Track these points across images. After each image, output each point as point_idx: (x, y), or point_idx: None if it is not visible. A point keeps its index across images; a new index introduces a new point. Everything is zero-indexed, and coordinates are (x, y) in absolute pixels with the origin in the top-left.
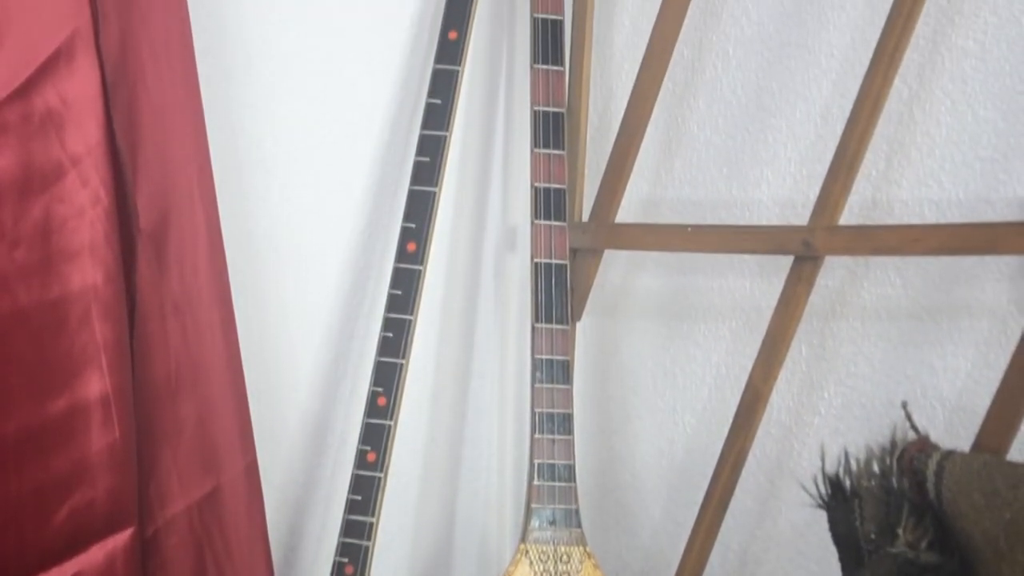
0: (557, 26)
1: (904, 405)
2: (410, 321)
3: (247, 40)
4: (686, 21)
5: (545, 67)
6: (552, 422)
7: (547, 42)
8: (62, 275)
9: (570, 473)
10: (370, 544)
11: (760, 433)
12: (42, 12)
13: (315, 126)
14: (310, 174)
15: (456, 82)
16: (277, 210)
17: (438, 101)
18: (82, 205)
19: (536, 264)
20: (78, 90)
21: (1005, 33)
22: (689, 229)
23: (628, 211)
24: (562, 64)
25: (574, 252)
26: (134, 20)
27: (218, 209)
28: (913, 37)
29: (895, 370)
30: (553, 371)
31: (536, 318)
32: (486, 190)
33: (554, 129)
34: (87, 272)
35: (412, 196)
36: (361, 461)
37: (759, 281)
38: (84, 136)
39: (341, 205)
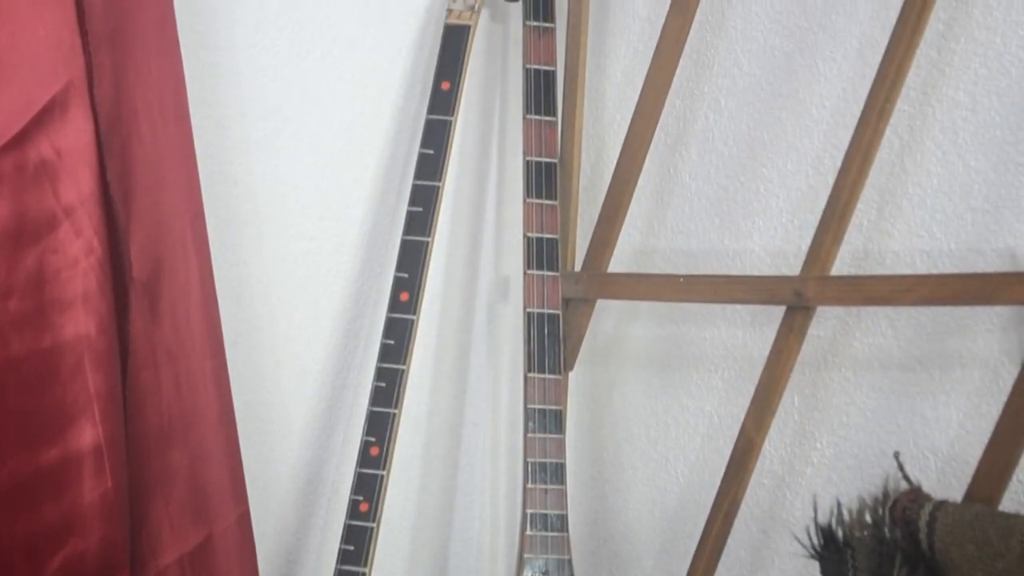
0: (549, 77)
1: (896, 455)
2: (403, 371)
3: (241, 91)
4: (678, 72)
5: (537, 117)
6: (545, 472)
7: (539, 93)
8: (55, 325)
9: (563, 523)
10: None
11: (753, 483)
12: (36, 63)
13: (308, 176)
14: (303, 224)
15: (449, 132)
16: (270, 260)
17: (431, 151)
18: (75, 255)
19: (528, 313)
20: (72, 140)
21: (995, 85)
22: (681, 279)
23: (620, 261)
24: (554, 115)
25: (566, 302)
26: (128, 70)
27: (211, 259)
28: (904, 89)
29: (887, 420)
30: (546, 420)
31: (528, 367)
32: (479, 240)
33: (546, 179)
34: (80, 322)
35: (405, 246)
36: (354, 511)
37: (751, 331)
38: (78, 186)
39: (334, 255)
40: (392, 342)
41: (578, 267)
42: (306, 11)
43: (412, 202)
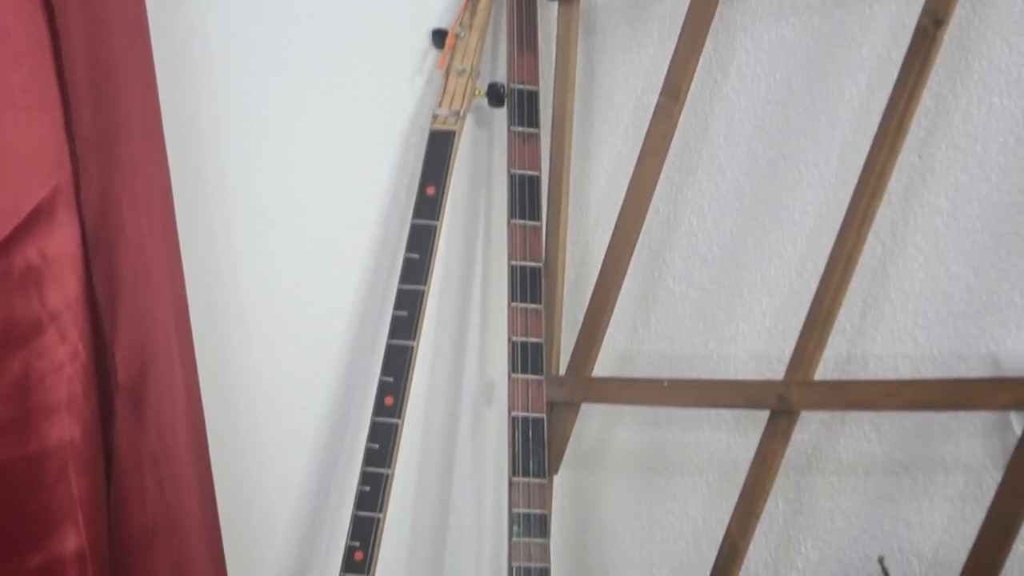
0: (534, 182)
1: (881, 560)
2: (387, 475)
3: (228, 195)
4: (661, 177)
5: (522, 222)
6: None
7: (524, 197)
8: (40, 430)
9: None
10: None
11: None
12: (24, 169)
13: (294, 281)
14: (289, 329)
15: (434, 237)
16: (256, 364)
17: (416, 256)
18: (61, 360)
19: (513, 417)
20: (58, 246)
21: (976, 191)
22: (666, 383)
23: (605, 365)
24: (539, 219)
25: (551, 405)
26: (115, 176)
27: (196, 363)
28: (886, 194)
29: (871, 524)
30: (530, 525)
31: (513, 471)
32: (463, 344)
33: (531, 283)
34: (65, 427)
35: (390, 350)
36: None
37: (736, 435)
38: (64, 292)
39: (319, 359)
40: (377, 446)
41: (563, 371)
42: (292, 114)
43: (397, 306)
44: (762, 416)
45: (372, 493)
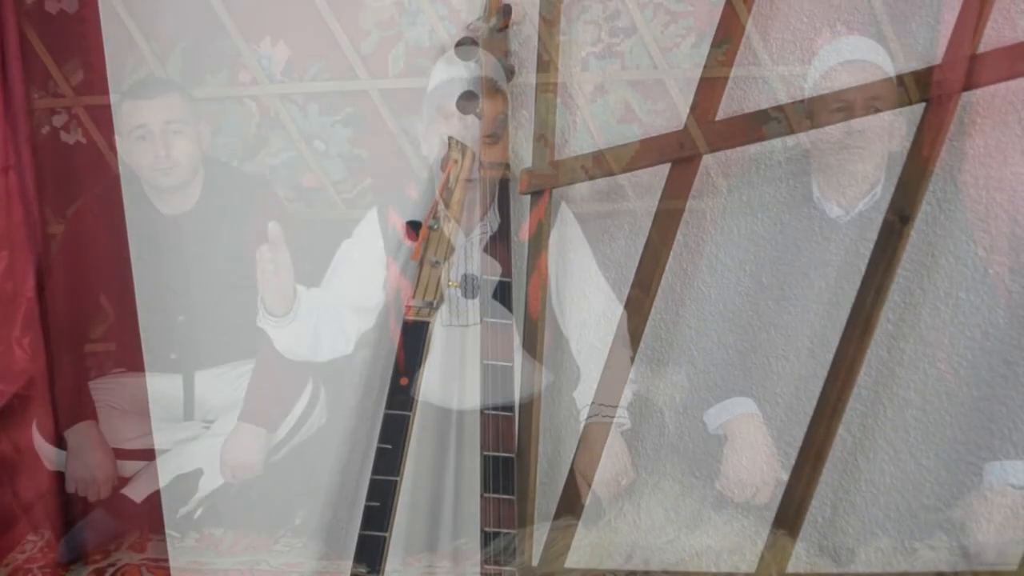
0: (507, 372)
1: None
2: None
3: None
4: (633, 367)
5: (495, 412)
6: None
7: (497, 388)
8: None
9: None
10: None
11: None
12: None
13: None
14: (259, 514)
15: (407, 427)
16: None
17: (389, 446)
18: None
19: None
20: None
21: (944, 385)
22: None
23: (578, 555)
24: (512, 410)
25: None
26: None
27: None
28: (855, 387)
29: None
30: None
31: None
32: (436, 533)
33: (504, 474)
34: None
35: (363, 541)
36: None
37: None
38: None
39: (289, 550)
40: None
41: (536, 561)
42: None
43: (370, 497)
44: None
45: None
